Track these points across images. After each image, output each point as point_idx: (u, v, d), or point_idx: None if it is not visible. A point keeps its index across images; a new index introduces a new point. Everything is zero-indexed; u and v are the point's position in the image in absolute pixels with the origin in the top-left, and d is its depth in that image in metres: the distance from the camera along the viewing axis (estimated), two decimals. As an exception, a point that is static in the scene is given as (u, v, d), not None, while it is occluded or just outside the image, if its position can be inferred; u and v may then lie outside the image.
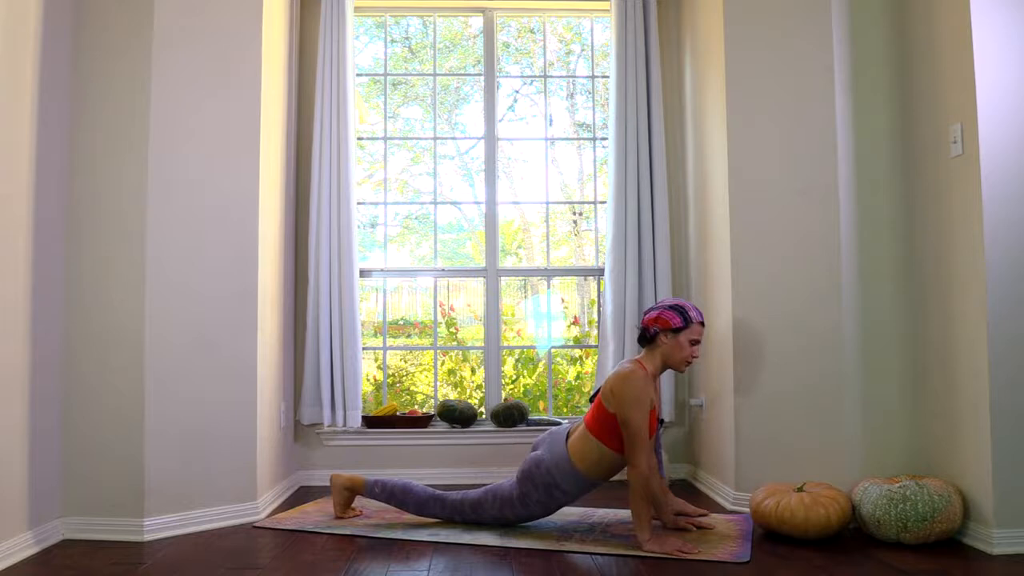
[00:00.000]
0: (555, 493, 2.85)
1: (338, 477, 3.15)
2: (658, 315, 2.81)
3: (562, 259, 5.45)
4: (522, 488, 2.88)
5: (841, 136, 3.21)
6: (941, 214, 2.95)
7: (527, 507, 2.89)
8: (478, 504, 2.96)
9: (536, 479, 2.84)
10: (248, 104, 3.22)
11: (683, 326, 2.79)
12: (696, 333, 2.82)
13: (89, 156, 2.96)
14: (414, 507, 3.04)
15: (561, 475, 2.82)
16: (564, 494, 2.85)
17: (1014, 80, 2.71)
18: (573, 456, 2.81)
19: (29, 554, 2.63)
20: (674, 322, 2.78)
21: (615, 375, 2.74)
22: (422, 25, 4.69)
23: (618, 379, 2.71)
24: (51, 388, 2.83)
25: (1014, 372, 2.65)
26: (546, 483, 2.83)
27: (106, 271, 2.94)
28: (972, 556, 2.58)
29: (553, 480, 2.82)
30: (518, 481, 2.90)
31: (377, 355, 4.42)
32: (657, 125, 3.98)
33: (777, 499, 2.80)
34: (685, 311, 2.81)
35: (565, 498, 2.87)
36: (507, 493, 2.91)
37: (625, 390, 2.67)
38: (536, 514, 2.93)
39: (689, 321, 2.80)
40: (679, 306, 2.82)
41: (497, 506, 2.93)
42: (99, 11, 2.99)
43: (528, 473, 2.86)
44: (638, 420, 2.65)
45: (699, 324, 2.84)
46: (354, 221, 3.91)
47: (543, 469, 2.83)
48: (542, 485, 2.84)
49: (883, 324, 3.18)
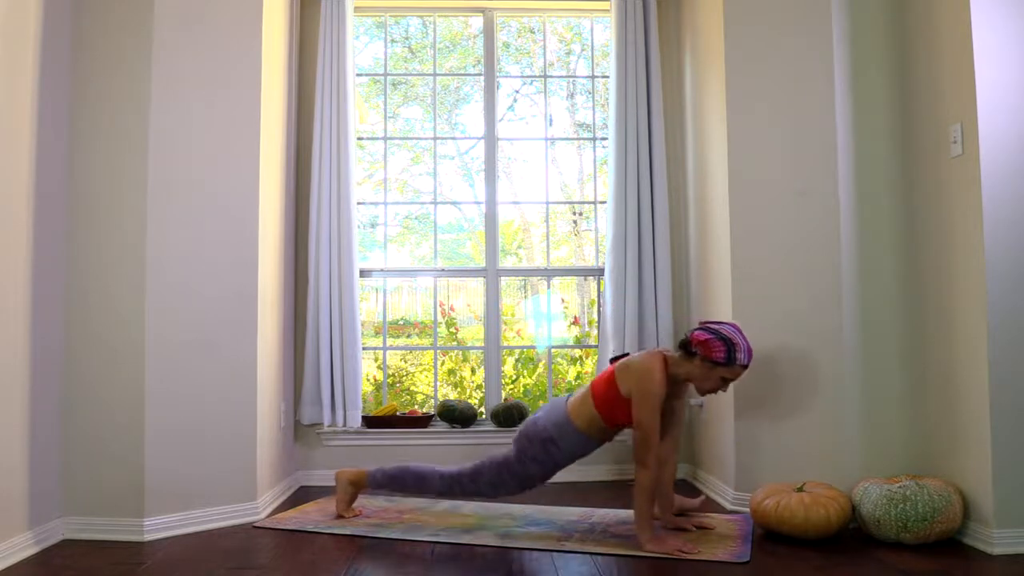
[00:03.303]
0: (551, 449, 2.84)
1: (343, 472, 3.17)
2: (707, 340, 2.67)
3: (562, 259, 5.45)
4: (518, 447, 2.90)
5: (841, 136, 3.21)
6: (941, 214, 2.95)
7: (524, 465, 2.88)
8: (476, 473, 2.96)
9: (532, 436, 2.86)
10: (248, 104, 3.22)
11: (724, 363, 2.67)
12: (733, 374, 2.70)
13: (89, 156, 2.96)
14: (415, 485, 3.04)
15: (558, 431, 2.84)
16: (560, 451, 2.85)
17: (1014, 80, 2.71)
18: (571, 413, 2.85)
19: (29, 554, 2.63)
20: (717, 355, 2.66)
21: (640, 366, 2.72)
22: (422, 25, 4.69)
23: (639, 374, 2.70)
24: (51, 388, 2.83)
25: (1014, 372, 2.65)
26: (543, 439, 2.84)
27: (106, 271, 2.94)
28: (972, 556, 2.58)
29: (549, 435, 2.84)
30: (514, 442, 2.93)
31: (377, 355, 4.42)
32: (657, 125, 3.98)
33: (777, 499, 2.80)
34: (734, 350, 2.66)
35: (561, 455, 2.86)
36: (502, 457, 2.94)
37: (641, 387, 2.68)
38: (533, 473, 2.90)
39: (732, 362, 2.66)
40: (731, 341, 2.66)
41: (494, 471, 2.93)
42: (99, 11, 2.99)
43: (524, 433, 2.90)
44: (649, 420, 2.64)
45: (742, 367, 2.69)
46: (354, 221, 3.91)
47: (540, 426, 2.86)
48: (538, 441, 2.85)
49: (883, 324, 3.18)
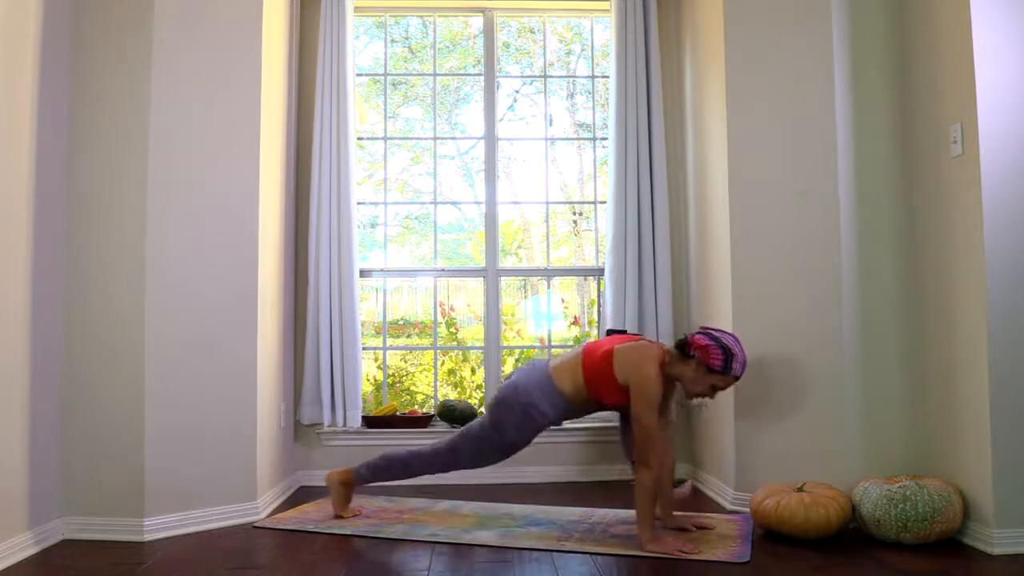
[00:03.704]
0: (532, 413, 2.84)
1: (331, 475, 3.17)
2: (708, 346, 2.67)
3: (562, 259, 5.45)
4: (495, 417, 2.88)
5: (841, 136, 3.21)
6: (941, 214, 2.95)
7: (503, 434, 2.88)
8: (454, 448, 2.97)
9: (512, 402, 2.85)
10: (248, 104, 3.22)
11: (719, 371, 2.67)
12: (725, 383, 2.72)
13: (89, 156, 2.96)
14: (401, 470, 3.07)
15: (540, 393, 2.83)
16: (541, 415, 2.85)
17: (1014, 80, 2.71)
18: (556, 378, 2.85)
19: (29, 554, 2.63)
20: (714, 362, 2.66)
21: (640, 363, 2.70)
22: (422, 25, 4.69)
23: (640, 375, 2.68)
24: (51, 388, 2.83)
25: (1014, 372, 2.65)
26: (523, 403, 2.83)
27: (106, 271, 2.94)
28: (972, 556, 2.58)
29: (531, 399, 2.83)
30: (489, 412, 2.91)
31: (377, 355, 4.42)
32: (657, 125, 3.98)
33: (777, 499, 2.80)
34: (731, 360, 2.66)
35: (542, 419, 2.86)
36: (478, 429, 2.94)
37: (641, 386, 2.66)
38: (513, 441, 2.90)
39: (727, 371, 2.67)
40: (730, 351, 2.66)
41: (473, 444, 2.94)
42: (99, 11, 2.99)
43: (502, 400, 2.88)
44: (650, 418, 2.63)
45: (734, 378, 2.71)
46: (354, 221, 3.91)
47: (521, 390, 2.85)
48: (519, 406, 2.84)
49: (883, 324, 3.18)
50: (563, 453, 3.95)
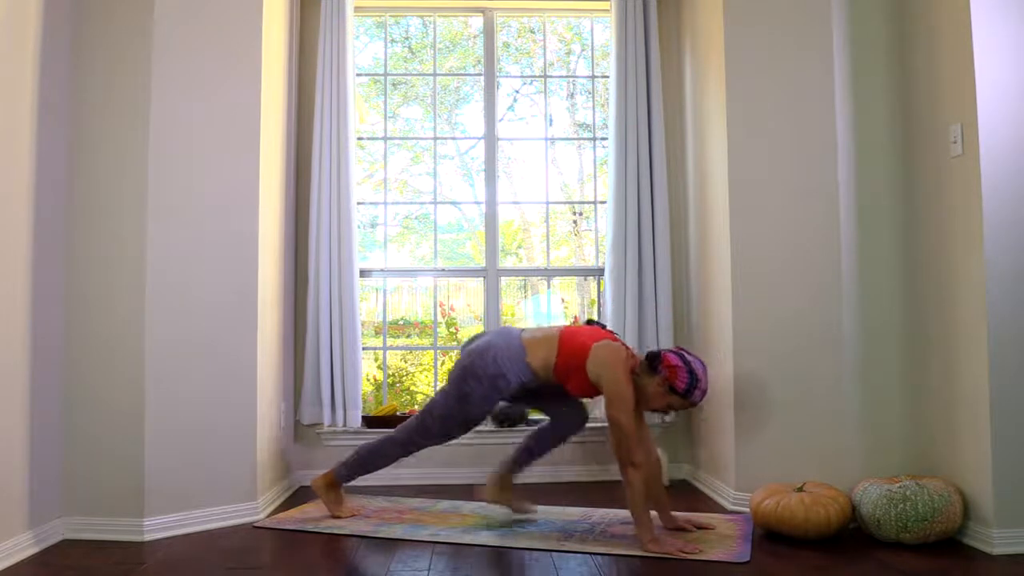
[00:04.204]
0: (499, 383, 2.84)
1: (315, 482, 3.18)
2: (677, 367, 2.69)
3: (562, 259, 5.44)
4: (461, 389, 2.88)
5: (841, 136, 3.21)
6: (941, 214, 2.95)
7: (468, 406, 2.88)
8: (420, 427, 2.99)
9: (481, 372, 2.84)
10: (248, 104, 3.22)
11: (680, 393, 2.70)
12: (681, 406, 2.77)
13: (89, 156, 2.96)
14: (379, 459, 3.08)
15: (510, 363, 2.84)
16: (508, 384, 2.85)
17: (1014, 80, 2.71)
18: (528, 349, 2.86)
19: (29, 554, 2.63)
20: (678, 384, 2.69)
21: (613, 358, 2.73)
22: (422, 25, 4.69)
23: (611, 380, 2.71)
24: (51, 388, 2.83)
25: (1014, 372, 2.65)
26: (492, 374, 2.84)
27: (106, 271, 2.94)
28: (972, 556, 2.59)
29: (500, 370, 2.83)
30: (454, 383, 2.90)
31: (377, 355, 4.42)
32: (657, 125, 3.98)
33: (777, 499, 2.80)
34: (694, 387, 2.69)
35: (508, 389, 2.87)
36: (443, 403, 2.93)
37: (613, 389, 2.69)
38: (478, 415, 2.92)
39: (688, 395, 2.70)
40: (697, 378, 2.69)
41: (439, 420, 2.94)
42: (99, 11, 2.99)
43: (471, 370, 2.87)
44: (625, 419, 2.65)
45: (691, 404, 2.76)
46: (354, 221, 3.91)
47: (490, 357, 2.84)
48: (488, 378, 2.84)
49: (883, 324, 3.18)
50: (563, 453, 3.94)
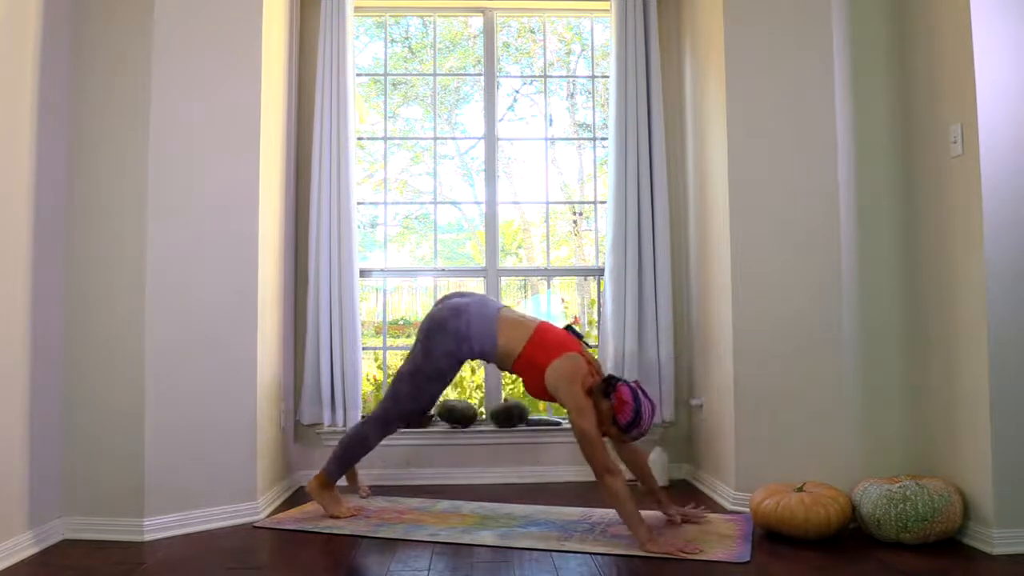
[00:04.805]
0: (464, 347, 2.93)
1: (309, 484, 3.19)
2: (627, 403, 2.72)
3: (562, 259, 5.45)
4: (428, 342, 2.96)
5: (841, 136, 3.21)
6: (941, 214, 2.95)
7: (432, 361, 2.96)
8: (393, 395, 3.05)
9: (450, 327, 2.93)
10: (248, 104, 3.22)
11: (619, 426, 2.75)
12: (616, 436, 2.82)
13: (89, 156, 2.96)
14: (360, 445, 3.12)
15: (480, 332, 2.92)
16: (471, 351, 2.95)
17: (1014, 80, 2.71)
18: (500, 325, 2.93)
19: (29, 554, 2.63)
20: (621, 418, 2.73)
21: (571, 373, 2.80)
22: (422, 25, 4.69)
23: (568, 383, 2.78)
24: (51, 388, 2.83)
25: (1014, 372, 2.65)
26: (461, 335, 2.92)
27: (106, 271, 2.94)
28: (972, 556, 2.59)
29: (470, 334, 2.92)
30: (422, 333, 2.99)
31: (377, 355, 4.42)
32: (657, 125, 3.98)
33: (777, 499, 2.80)
34: (634, 425, 2.74)
35: (467, 356, 2.96)
36: (409, 361, 3.02)
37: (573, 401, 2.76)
38: (443, 367, 2.97)
39: (625, 431, 2.76)
40: (640, 419, 2.73)
41: (407, 378, 3.01)
42: (99, 11, 2.99)
43: (440, 322, 2.96)
44: (590, 427, 2.71)
45: (629, 439, 2.82)
46: (354, 221, 3.91)
47: (463, 320, 2.93)
48: (453, 335, 2.92)
49: (883, 324, 3.18)
50: (563, 453, 3.95)
